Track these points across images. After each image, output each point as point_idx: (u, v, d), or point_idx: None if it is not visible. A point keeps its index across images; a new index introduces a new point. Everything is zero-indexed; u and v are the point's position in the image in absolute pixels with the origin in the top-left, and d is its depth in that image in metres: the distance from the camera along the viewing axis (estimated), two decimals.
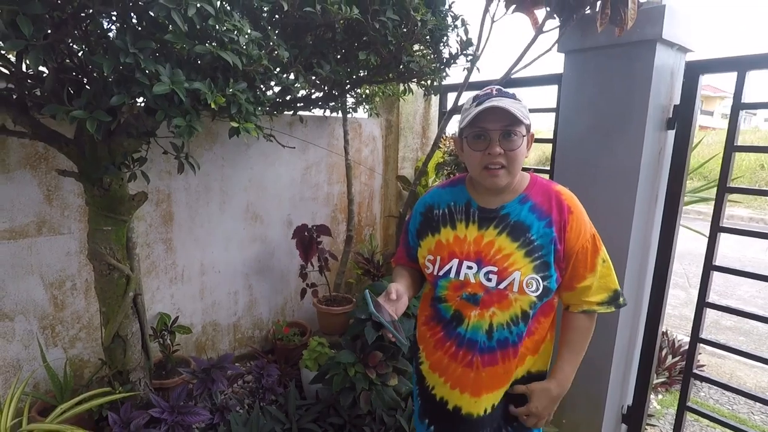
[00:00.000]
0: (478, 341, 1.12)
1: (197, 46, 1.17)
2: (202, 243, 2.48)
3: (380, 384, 2.08)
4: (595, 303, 1.15)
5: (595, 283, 1.13)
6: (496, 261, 1.11)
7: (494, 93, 1.10)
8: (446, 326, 1.18)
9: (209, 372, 2.01)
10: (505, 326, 1.11)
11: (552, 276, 1.10)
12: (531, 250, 1.10)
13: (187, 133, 1.24)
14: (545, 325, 1.20)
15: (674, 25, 1.76)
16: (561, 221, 1.11)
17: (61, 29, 1.18)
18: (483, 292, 1.11)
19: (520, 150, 1.08)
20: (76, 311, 2.12)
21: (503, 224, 1.13)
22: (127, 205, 1.73)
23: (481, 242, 1.14)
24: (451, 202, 1.22)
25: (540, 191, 1.16)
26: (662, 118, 1.93)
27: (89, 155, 1.59)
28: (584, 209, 1.16)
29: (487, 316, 1.11)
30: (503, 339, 1.12)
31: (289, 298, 2.95)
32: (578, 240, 1.11)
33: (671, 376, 2.88)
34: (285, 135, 2.58)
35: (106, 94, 1.22)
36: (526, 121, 1.07)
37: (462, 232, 1.17)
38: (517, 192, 1.16)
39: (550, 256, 1.10)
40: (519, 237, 1.11)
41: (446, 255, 1.17)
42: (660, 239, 2.08)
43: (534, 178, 1.19)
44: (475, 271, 1.12)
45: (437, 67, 1.89)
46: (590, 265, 1.13)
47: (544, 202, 1.13)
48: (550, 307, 1.20)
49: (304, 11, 1.36)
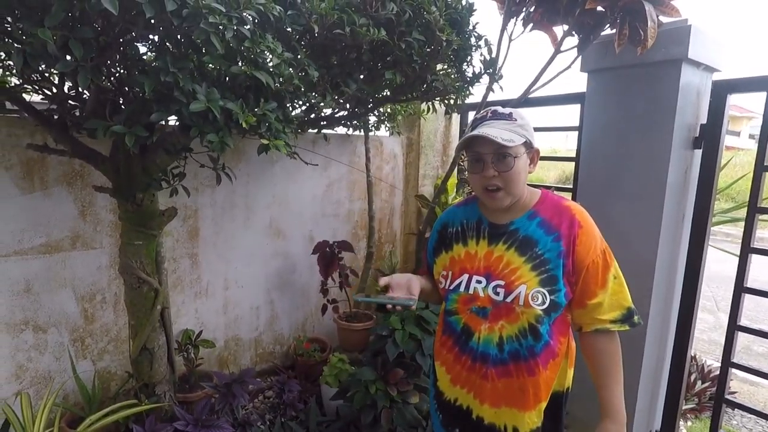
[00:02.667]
0: (490, 354, 1.14)
1: (233, 67, 1.22)
2: (226, 258, 2.52)
3: (401, 402, 2.06)
4: (608, 321, 1.12)
5: (606, 300, 1.12)
6: (503, 275, 1.13)
7: (488, 116, 1.13)
8: (458, 340, 1.20)
9: (231, 387, 2.02)
10: (514, 339, 1.12)
11: (561, 290, 1.10)
12: (538, 264, 1.11)
13: (219, 148, 1.29)
14: (564, 346, 1.18)
15: (700, 44, 1.76)
16: (570, 236, 1.11)
17: (106, 52, 1.25)
18: (491, 305, 1.13)
19: (513, 171, 1.09)
20: (105, 324, 2.16)
21: (512, 239, 1.15)
22: (158, 220, 1.78)
23: (490, 257, 1.16)
24: (464, 220, 1.25)
25: (550, 207, 1.17)
26: (689, 137, 1.91)
27: (123, 172, 1.65)
28: (595, 224, 1.16)
29: (496, 330, 1.13)
30: (514, 351, 1.13)
31: (310, 313, 2.96)
32: (588, 254, 1.11)
33: (701, 402, 2.78)
34: (308, 152, 2.63)
35: (144, 111, 1.28)
36: (517, 142, 1.07)
37: (473, 248, 1.20)
38: (526, 208, 1.18)
39: (558, 270, 1.10)
40: (526, 251, 1.12)
41: (458, 270, 1.20)
42: (688, 260, 2.03)
43: (545, 195, 1.20)
44: (484, 285, 1.14)
45: (461, 86, 1.92)
46: (601, 281, 1.12)
47: (554, 217, 1.14)
48: (566, 326, 1.19)
49: (333, 33, 1.41)
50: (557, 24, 1.98)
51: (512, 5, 1.97)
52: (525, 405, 1.15)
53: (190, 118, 1.24)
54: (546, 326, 1.12)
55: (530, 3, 1.95)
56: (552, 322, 1.13)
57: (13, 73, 1.60)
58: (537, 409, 1.16)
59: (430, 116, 3.00)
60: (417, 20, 1.61)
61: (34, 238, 1.93)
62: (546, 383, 1.15)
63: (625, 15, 1.74)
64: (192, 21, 1.10)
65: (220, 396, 1.98)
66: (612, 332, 1.14)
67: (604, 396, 1.16)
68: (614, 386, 1.15)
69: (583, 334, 1.18)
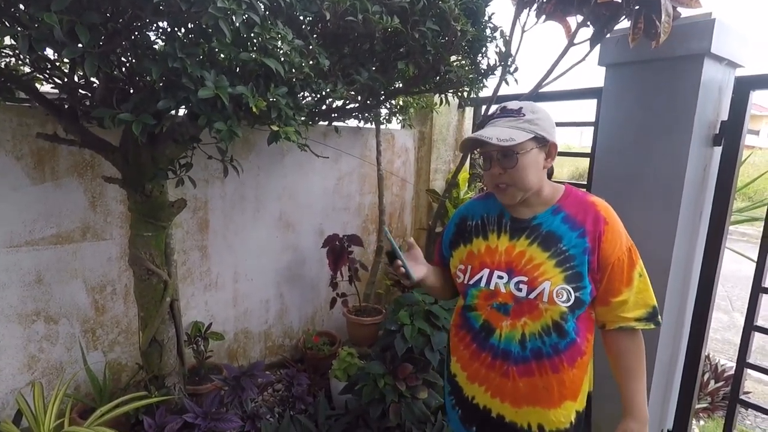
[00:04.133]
0: (512, 351, 1.11)
1: (242, 54, 1.20)
2: (235, 250, 2.51)
3: (410, 397, 2.04)
4: (633, 319, 1.10)
5: (631, 298, 1.10)
6: (526, 271, 1.10)
7: (497, 113, 1.12)
8: (476, 336, 1.17)
9: (240, 380, 2.01)
10: (537, 336, 1.10)
11: (586, 287, 1.08)
12: (562, 260, 1.08)
13: (227, 137, 1.26)
14: (591, 343, 1.15)
15: (723, 39, 1.70)
16: (596, 232, 1.09)
17: (114, 39, 1.23)
18: (513, 302, 1.10)
19: (518, 167, 1.07)
20: (115, 316, 2.17)
21: (534, 234, 1.13)
22: (167, 212, 1.77)
23: (512, 252, 1.14)
24: (485, 214, 1.23)
25: (574, 202, 1.14)
26: (708, 134, 1.85)
27: (133, 162, 1.64)
28: (621, 221, 1.13)
29: (519, 326, 1.10)
30: (536, 349, 1.10)
31: (319, 307, 2.95)
32: (614, 252, 1.08)
33: (714, 402, 2.73)
34: (319, 145, 2.60)
35: (153, 100, 1.26)
36: (518, 140, 1.05)
37: (494, 243, 1.17)
38: (550, 203, 1.15)
39: (584, 266, 1.08)
40: (550, 247, 1.10)
41: (477, 264, 1.17)
42: (704, 259, 1.98)
43: (569, 190, 1.18)
44: (506, 281, 1.12)
45: (474, 78, 1.87)
46: (626, 278, 1.09)
47: (578, 212, 1.12)
48: (591, 323, 1.16)
49: (345, 21, 1.37)
50: (571, 15, 1.91)
51: None
52: (549, 403, 1.12)
53: (198, 105, 1.22)
54: (572, 323, 1.10)
55: None
56: (577, 319, 1.11)
57: (26, 62, 1.59)
58: (563, 407, 1.12)
59: (442, 110, 2.95)
60: (431, 9, 1.56)
61: (45, 229, 1.93)
62: (573, 381, 1.12)
63: (641, 7, 1.68)
64: (200, 6, 1.07)
65: (230, 389, 1.98)
66: (636, 330, 1.12)
67: (626, 394, 1.14)
68: (637, 385, 1.13)
69: (606, 332, 1.16)
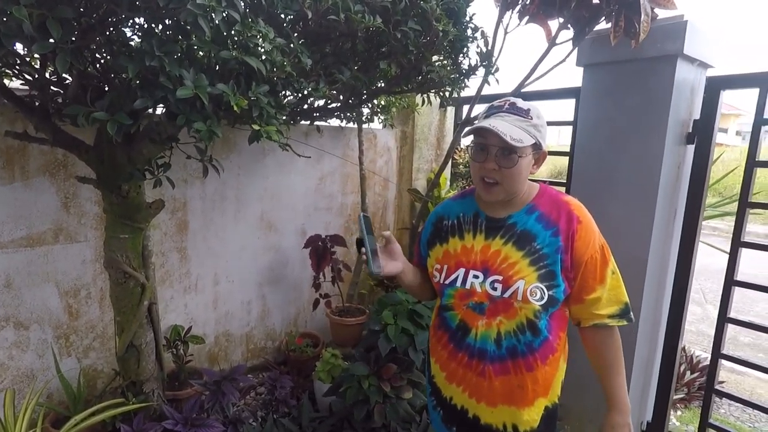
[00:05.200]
0: (488, 350, 1.12)
1: (223, 52, 1.17)
2: (216, 252, 2.47)
3: (394, 397, 2.04)
4: (606, 316, 1.12)
5: (605, 295, 1.12)
6: (501, 270, 1.11)
7: (506, 107, 1.10)
8: (453, 336, 1.18)
9: (221, 384, 1.98)
10: (512, 335, 1.11)
11: (559, 286, 1.09)
12: (536, 259, 1.09)
13: (207, 138, 1.23)
14: (563, 341, 1.18)
15: (695, 40, 1.75)
16: (569, 231, 1.10)
17: (88, 35, 1.19)
18: (488, 301, 1.11)
19: (515, 169, 1.07)
20: (90, 320, 2.10)
21: (510, 233, 1.13)
22: (144, 213, 1.72)
23: (487, 251, 1.14)
24: (461, 213, 1.23)
25: (548, 201, 1.15)
26: (682, 132, 1.91)
27: (108, 162, 1.59)
28: (593, 220, 1.15)
29: (494, 325, 1.11)
30: (512, 347, 1.11)
31: (302, 308, 2.92)
32: (587, 250, 1.10)
33: (690, 392, 2.81)
34: (301, 144, 2.58)
35: (129, 98, 1.22)
36: (526, 143, 1.04)
37: (469, 242, 1.18)
38: (524, 202, 1.16)
39: (557, 265, 1.09)
40: (525, 246, 1.11)
41: (453, 264, 1.18)
42: (679, 254, 2.04)
43: (543, 189, 1.19)
44: (481, 280, 1.12)
45: (456, 78, 1.88)
46: (599, 276, 1.11)
47: (552, 211, 1.13)
48: (563, 321, 1.18)
49: (327, 20, 1.36)
50: (553, 17, 1.95)
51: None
52: (523, 402, 1.13)
53: (176, 105, 1.19)
54: (544, 321, 1.11)
55: None
56: (550, 317, 1.13)
57: None
58: (536, 405, 1.14)
59: (424, 109, 2.96)
60: (413, 9, 1.56)
61: (14, 231, 1.85)
62: (545, 379, 1.14)
63: (621, 7, 1.72)
64: (179, 2, 1.04)
65: (211, 394, 1.94)
66: (611, 327, 1.14)
67: (607, 388, 1.17)
68: (617, 378, 1.16)
69: (582, 329, 1.18)
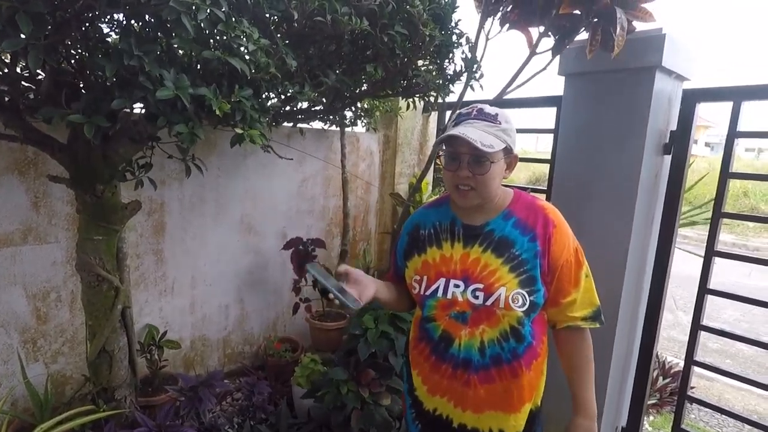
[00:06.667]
0: (473, 359, 1.11)
1: (205, 51, 1.14)
2: (193, 254, 2.41)
3: (372, 403, 2.02)
4: (580, 318, 1.14)
5: (579, 298, 1.13)
6: (482, 278, 1.10)
7: (473, 113, 1.09)
8: (436, 347, 1.16)
9: (197, 390, 1.92)
10: (496, 342, 1.10)
11: (539, 290, 1.10)
12: (516, 265, 1.09)
13: (189, 140, 1.20)
14: (545, 345, 1.19)
15: (673, 53, 1.79)
16: (545, 235, 1.11)
17: (63, 30, 1.15)
18: (471, 309, 1.10)
19: (488, 175, 1.07)
20: (60, 324, 2.02)
21: (488, 241, 1.13)
22: (120, 214, 1.67)
23: (467, 260, 1.13)
24: (437, 222, 1.22)
25: (523, 206, 1.16)
26: (659, 143, 1.95)
27: (82, 161, 1.53)
28: (567, 223, 1.16)
29: (477, 334, 1.11)
30: (496, 355, 1.11)
31: (281, 312, 2.88)
32: (562, 254, 1.11)
33: (662, 398, 2.88)
34: (283, 147, 2.55)
35: (106, 98, 1.18)
36: (496, 148, 1.04)
37: (448, 251, 1.17)
38: (500, 208, 1.16)
39: (536, 270, 1.09)
40: (503, 253, 1.11)
41: (433, 274, 1.16)
42: (656, 261, 2.08)
43: (517, 194, 1.19)
44: (462, 290, 1.11)
45: (441, 84, 1.89)
46: (574, 279, 1.13)
47: (528, 216, 1.13)
48: (544, 325, 1.20)
49: (313, 21, 1.34)
50: (533, 25, 1.96)
51: (489, 4, 1.94)
52: (510, 407, 1.13)
53: (156, 106, 1.15)
54: (528, 327, 1.12)
55: (507, 3, 1.93)
56: (532, 322, 1.13)
57: None
58: (522, 411, 1.14)
59: (407, 114, 2.96)
60: (399, 13, 1.56)
61: None
62: (530, 384, 1.14)
63: (600, 20, 1.74)
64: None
65: (187, 400, 1.89)
66: (583, 329, 1.16)
67: (575, 391, 1.18)
68: (585, 382, 1.17)
69: (555, 331, 1.20)
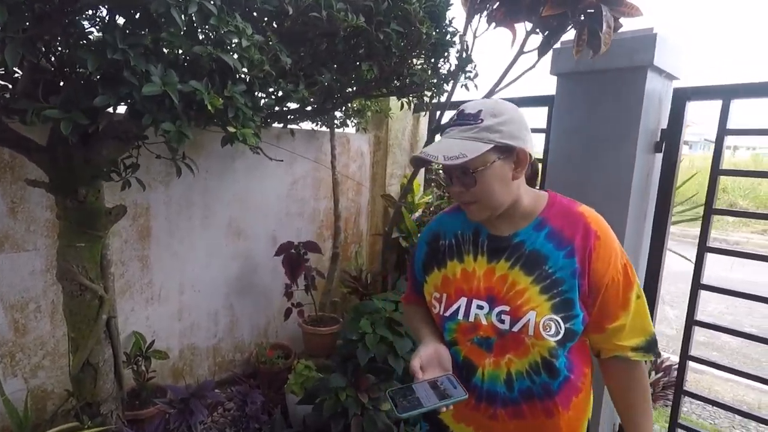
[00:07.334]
0: (498, 392, 0.96)
1: (196, 47, 1.08)
2: (181, 260, 2.33)
3: (372, 408, 1.98)
4: (629, 348, 0.95)
5: (628, 323, 0.95)
6: (508, 299, 0.95)
7: (454, 119, 0.94)
8: (459, 374, 1.01)
9: (188, 402, 1.85)
10: (525, 375, 0.95)
11: (578, 316, 0.92)
12: (548, 285, 0.92)
13: (176, 139, 1.14)
14: (588, 378, 1.02)
15: (664, 52, 1.80)
16: (585, 249, 0.93)
17: (43, 24, 1.08)
18: (496, 335, 0.95)
19: (481, 185, 0.91)
20: (40, 336, 1.92)
21: (516, 255, 0.96)
22: (104, 220, 1.59)
23: (492, 277, 0.97)
24: (458, 231, 1.06)
25: (559, 213, 0.98)
26: (650, 141, 1.96)
27: (63, 164, 1.45)
28: (614, 234, 0.98)
29: (503, 365, 0.95)
30: (526, 389, 0.95)
31: (273, 318, 2.81)
32: (607, 271, 0.93)
33: (655, 393, 2.90)
34: (273, 148, 2.48)
35: (88, 94, 1.11)
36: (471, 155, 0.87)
37: (470, 266, 1.01)
38: (532, 216, 0.98)
39: (573, 292, 0.92)
40: (534, 270, 0.94)
41: (453, 292, 1.01)
42: (649, 258, 2.09)
43: (553, 198, 1.01)
44: (487, 312, 0.96)
45: (437, 83, 1.86)
46: (622, 301, 0.94)
47: (565, 226, 0.96)
48: (586, 353, 1.04)
49: (309, 16, 1.30)
50: (520, 21, 1.91)
51: (475, 2, 1.91)
52: None
53: (142, 103, 1.09)
54: (562, 359, 0.95)
55: (493, 0, 1.90)
56: (568, 352, 0.96)
57: None
58: None
59: (398, 114, 2.93)
60: (395, 11, 1.52)
61: None
62: (569, 425, 0.98)
63: (586, 18, 1.71)
64: None
65: (177, 412, 1.81)
66: (635, 361, 0.98)
67: (630, 430, 1.02)
68: (641, 420, 1.00)
69: (602, 361, 1.02)
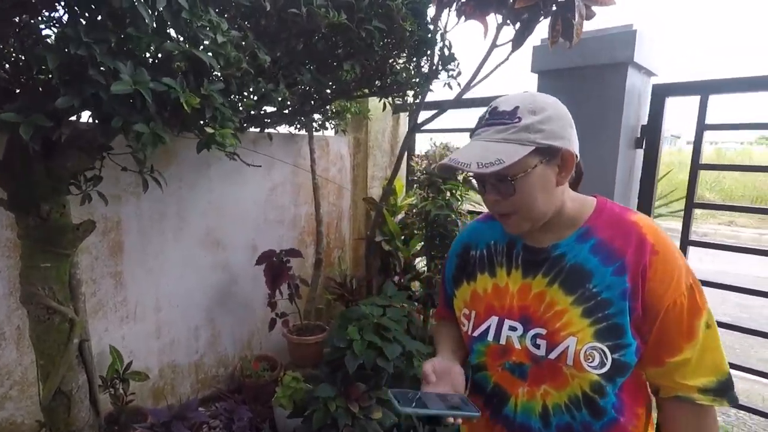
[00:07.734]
0: (533, 427, 0.84)
1: (167, 44, 1.00)
2: (156, 275, 2.21)
3: (364, 417, 1.91)
4: (696, 389, 0.78)
5: (695, 357, 0.77)
6: (545, 320, 0.82)
7: (486, 118, 0.81)
8: (488, 401, 0.91)
9: (170, 425, 1.74)
10: (564, 410, 0.82)
11: (629, 345, 0.77)
12: (591, 307, 0.78)
13: (151, 142, 1.05)
14: (643, 420, 0.85)
15: (643, 49, 1.82)
16: (639, 265, 0.78)
17: None
18: (531, 362, 0.82)
19: (521, 194, 0.78)
20: (6, 365, 1.78)
21: (556, 270, 0.83)
22: (71, 237, 1.47)
23: (527, 294, 0.85)
24: (491, 241, 0.94)
25: (609, 222, 0.84)
26: (632, 137, 1.98)
27: (22, 179, 1.34)
28: (676, 247, 0.81)
29: (538, 396, 0.83)
30: (565, 425, 0.82)
31: (256, 329, 2.71)
32: (667, 292, 0.76)
33: None
34: (250, 153, 2.39)
35: (49, 97, 1.01)
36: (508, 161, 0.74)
37: (503, 281, 0.89)
38: (576, 224, 0.85)
39: (624, 316, 0.77)
40: (576, 288, 0.80)
41: (483, 310, 0.90)
42: None
43: (602, 205, 0.87)
44: (520, 334, 0.83)
45: (419, 82, 1.81)
46: (687, 329, 0.77)
47: (615, 237, 0.81)
48: (643, 389, 0.88)
49: (287, 13, 1.23)
50: (490, 13, 1.85)
51: None
52: None
53: (110, 104, 1.00)
54: (610, 397, 0.80)
55: None
56: (619, 389, 0.81)
57: None
58: None
59: (377, 115, 2.88)
60: (376, 8, 1.47)
61: None
62: None
63: (558, 8, 1.67)
64: None
65: None
66: (702, 406, 0.79)
67: None
68: None
69: (659, 400, 0.85)
